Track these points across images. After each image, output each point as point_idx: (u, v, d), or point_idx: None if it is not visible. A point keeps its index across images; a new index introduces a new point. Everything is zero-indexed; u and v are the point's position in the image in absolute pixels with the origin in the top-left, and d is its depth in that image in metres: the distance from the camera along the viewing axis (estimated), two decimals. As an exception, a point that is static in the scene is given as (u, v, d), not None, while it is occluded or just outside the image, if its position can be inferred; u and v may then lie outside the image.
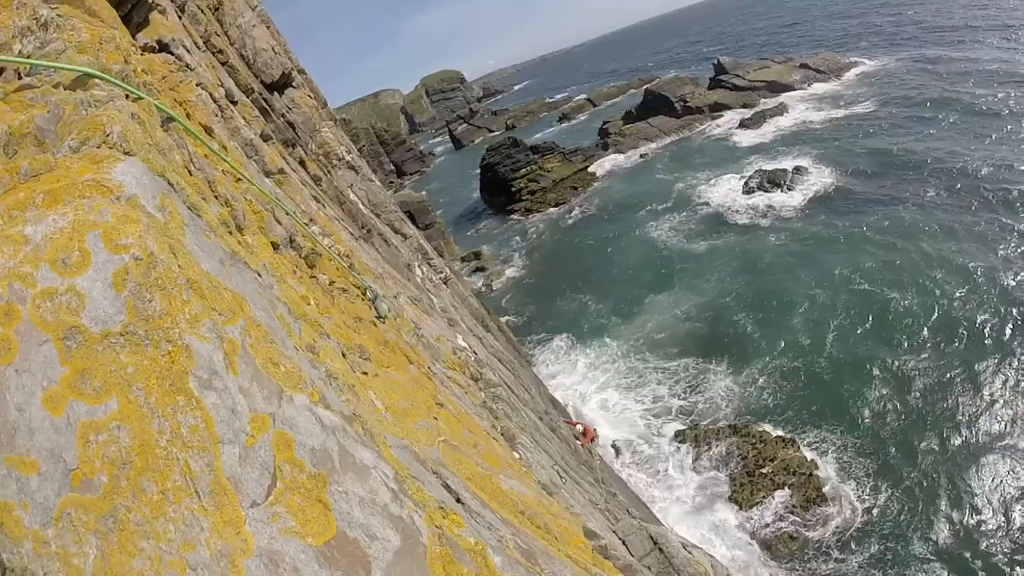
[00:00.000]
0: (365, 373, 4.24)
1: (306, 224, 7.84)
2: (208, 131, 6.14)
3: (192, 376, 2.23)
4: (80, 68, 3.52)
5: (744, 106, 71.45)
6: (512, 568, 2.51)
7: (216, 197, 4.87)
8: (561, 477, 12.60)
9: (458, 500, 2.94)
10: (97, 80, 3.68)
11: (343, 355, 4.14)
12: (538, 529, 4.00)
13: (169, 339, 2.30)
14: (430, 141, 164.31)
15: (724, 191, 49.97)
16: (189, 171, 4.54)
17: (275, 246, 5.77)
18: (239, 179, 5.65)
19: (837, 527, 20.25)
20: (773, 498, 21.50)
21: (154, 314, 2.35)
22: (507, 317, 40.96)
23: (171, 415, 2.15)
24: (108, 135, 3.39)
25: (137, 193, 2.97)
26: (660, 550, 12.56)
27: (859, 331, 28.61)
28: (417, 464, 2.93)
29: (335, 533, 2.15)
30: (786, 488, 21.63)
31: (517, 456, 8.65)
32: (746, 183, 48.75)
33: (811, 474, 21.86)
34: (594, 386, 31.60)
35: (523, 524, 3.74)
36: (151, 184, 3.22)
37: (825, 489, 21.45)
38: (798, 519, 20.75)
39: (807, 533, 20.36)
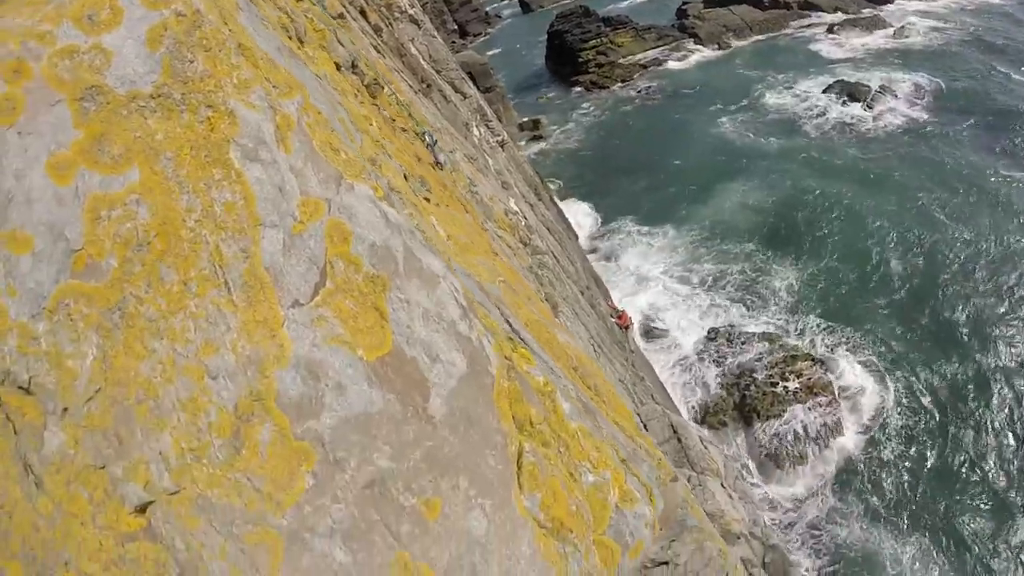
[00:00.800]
0: (427, 199, 3.87)
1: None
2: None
3: (235, 145, 1.85)
4: None
5: (836, 10, 65.66)
6: (580, 417, 2.21)
7: (276, 6, 4.42)
8: (595, 352, 12.56)
9: (520, 340, 2.62)
10: None
11: (404, 177, 3.77)
12: (588, 389, 3.74)
13: (210, 104, 1.91)
14: (497, 2, 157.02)
15: (801, 96, 47.09)
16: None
17: (337, 66, 5.34)
18: (300, -1, 5.18)
19: (845, 457, 20.23)
20: (791, 413, 21.35)
21: (195, 75, 1.94)
22: (560, 188, 40.16)
23: (204, 191, 1.78)
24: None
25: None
26: (679, 439, 12.61)
27: (916, 264, 27.40)
28: (482, 293, 2.57)
29: (391, 348, 1.82)
30: (807, 405, 21.43)
31: (559, 323, 8.48)
32: (826, 91, 45.98)
33: (833, 398, 21.64)
34: (641, 269, 31.18)
35: (576, 381, 3.46)
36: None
37: (843, 417, 21.25)
38: (810, 439, 20.67)
39: (815, 455, 20.35)
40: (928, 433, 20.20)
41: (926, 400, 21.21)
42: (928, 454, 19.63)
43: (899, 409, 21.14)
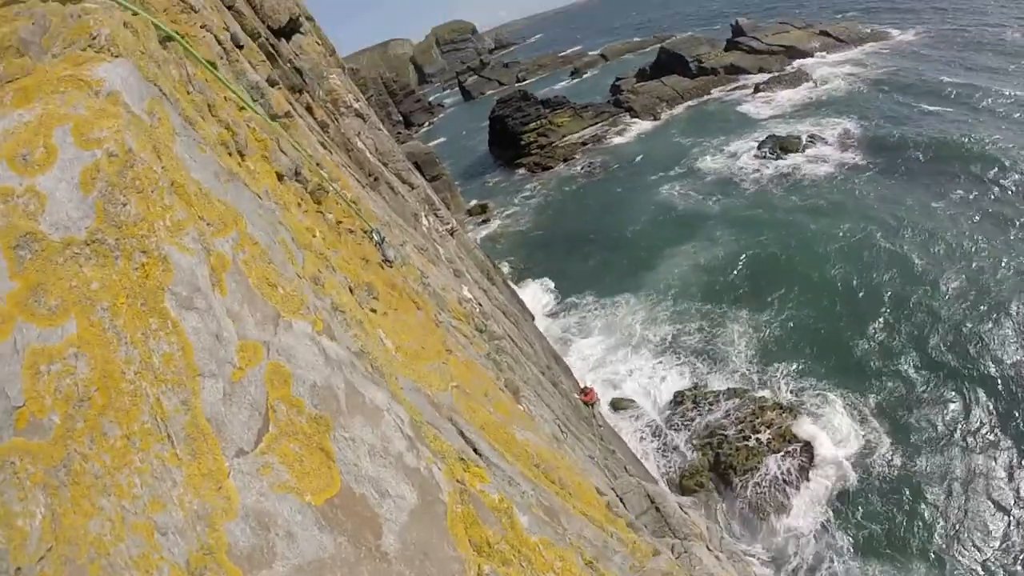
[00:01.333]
0: (374, 311, 3.89)
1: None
2: (212, 66, 5.77)
3: (169, 293, 1.86)
4: None
5: (760, 70, 69.80)
6: (540, 528, 2.18)
7: (218, 121, 4.51)
8: (562, 432, 12.46)
9: (475, 451, 2.61)
10: None
11: (350, 291, 3.79)
12: (553, 484, 3.71)
13: (144, 249, 1.93)
14: (439, 92, 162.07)
15: (737, 155, 49.24)
16: (187, 90, 4.16)
17: (279, 176, 5.42)
18: (242, 108, 5.28)
19: (828, 497, 20.23)
20: (767, 464, 21.41)
21: (128, 219, 1.97)
22: (512, 270, 40.60)
23: (142, 341, 1.78)
24: (95, 37, 3.02)
25: (120, 90, 2.58)
26: (657, 509, 12.48)
27: (867, 300, 28.33)
28: (432, 409, 2.57)
29: (339, 489, 1.79)
30: (781, 454, 21.52)
31: (522, 409, 8.43)
32: (759, 147, 47.99)
33: (806, 442, 21.76)
34: (600, 341, 31.42)
35: (539, 479, 3.43)
36: (139, 86, 2.83)
37: (819, 459, 21.34)
38: (791, 485, 20.69)
39: (798, 501, 20.32)
40: (900, 465, 20.41)
41: (892, 432, 21.55)
42: (903, 486, 19.79)
43: (870, 445, 21.35)
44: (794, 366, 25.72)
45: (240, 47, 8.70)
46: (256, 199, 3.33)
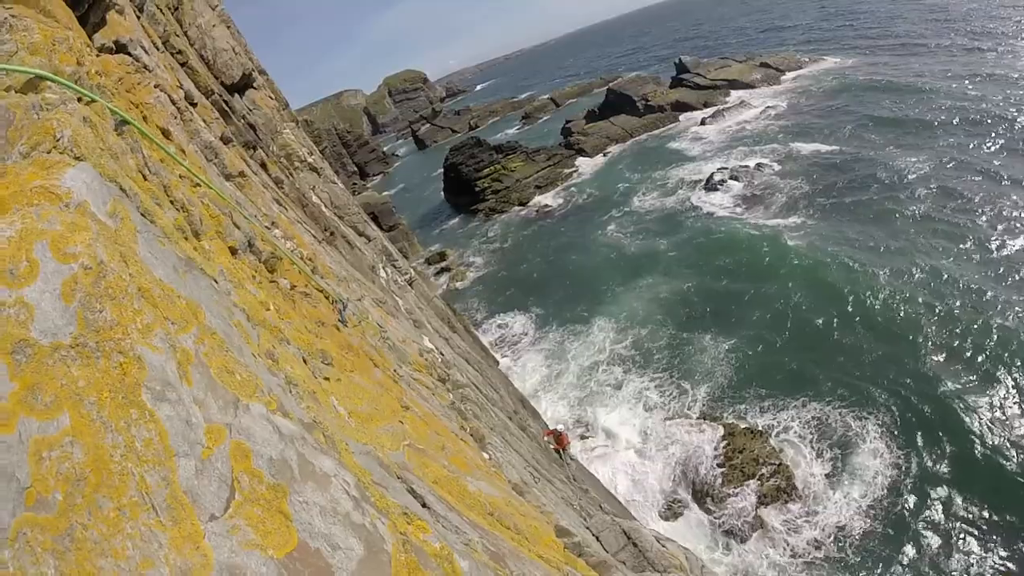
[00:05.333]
0: (327, 379, 4.17)
1: (267, 228, 7.70)
2: (166, 134, 5.98)
3: (145, 388, 2.16)
4: (31, 70, 3.40)
5: (706, 105, 72.41)
6: (480, 572, 2.48)
7: (172, 202, 4.75)
8: (533, 476, 12.59)
9: (423, 504, 2.90)
10: (49, 83, 3.58)
11: (304, 361, 4.07)
12: (507, 530, 3.98)
13: (121, 350, 2.23)
14: (393, 142, 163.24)
15: (687, 189, 50.57)
16: (144, 176, 4.41)
17: (233, 251, 5.65)
18: (197, 184, 5.53)
19: (806, 517, 20.57)
20: (743, 489, 21.73)
21: (105, 325, 2.27)
22: (473, 317, 40.84)
23: (125, 429, 2.08)
24: (58, 140, 3.29)
25: (87, 199, 2.88)
26: (634, 544, 12.60)
27: (823, 322, 29.20)
28: (381, 470, 2.88)
29: (296, 544, 2.10)
30: (756, 479, 21.88)
31: (487, 456, 8.61)
32: (708, 180, 49.34)
33: (780, 464, 22.18)
34: (564, 380, 31.69)
35: (492, 526, 3.71)
36: (102, 190, 3.12)
37: (795, 480, 21.76)
38: (768, 509, 21.02)
39: (777, 524, 20.64)
40: (877, 485, 20.82)
41: (866, 452, 21.99)
42: (881, 505, 20.18)
43: (844, 466, 21.79)
44: (762, 391, 26.31)
45: (194, 104, 8.93)
46: (212, 285, 3.61)
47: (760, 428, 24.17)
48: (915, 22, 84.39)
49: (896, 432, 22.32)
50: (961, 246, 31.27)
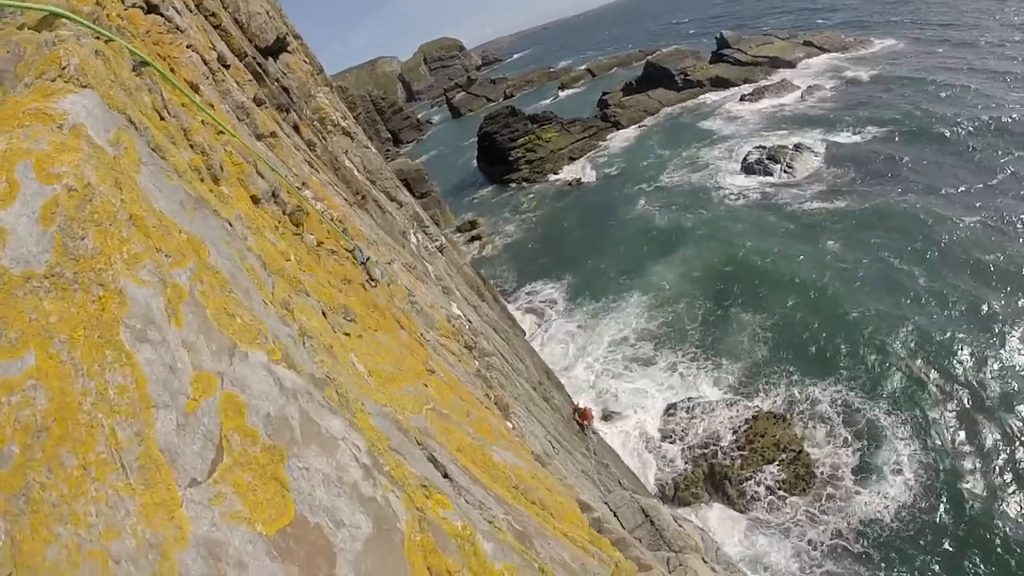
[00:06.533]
0: (347, 334, 3.87)
1: (298, 188, 7.48)
2: (195, 88, 5.77)
3: (124, 326, 1.85)
4: (46, 7, 3.22)
5: (746, 81, 70.60)
6: (505, 555, 2.16)
7: (191, 146, 4.51)
8: (554, 447, 12.42)
9: (445, 475, 2.59)
10: (65, 21, 3.34)
11: (324, 315, 3.77)
12: (532, 505, 3.69)
13: (101, 282, 1.93)
14: (428, 110, 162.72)
15: (723, 167, 49.51)
16: (160, 116, 4.17)
17: (255, 199, 5.40)
18: (221, 132, 5.28)
19: (825, 503, 20.23)
20: (762, 473, 21.46)
21: (86, 253, 1.97)
22: (502, 286, 40.62)
23: (98, 373, 1.78)
24: (64, 68, 3.04)
25: (84, 123, 2.60)
26: (651, 522, 12.40)
27: (858, 312, 28.34)
28: (399, 434, 2.56)
29: (293, 518, 1.78)
30: (775, 464, 21.56)
31: (511, 426, 8.40)
32: (745, 159, 48.22)
33: (801, 451, 21.79)
34: (591, 354, 31.42)
35: (516, 500, 3.41)
36: (105, 117, 2.84)
37: (814, 468, 21.37)
38: (786, 494, 20.71)
39: (795, 509, 20.32)
40: (898, 472, 20.39)
41: (889, 439, 21.53)
42: (902, 492, 19.76)
43: (866, 453, 21.35)
44: (786, 375, 25.78)
45: (227, 67, 8.72)
46: (224, 227, 3.33)
47: (783, 412, 23.75)
48: (980, 12, 79.78)
49: (929, 429, 21.66)
50: (1009, 246, 29.84)
